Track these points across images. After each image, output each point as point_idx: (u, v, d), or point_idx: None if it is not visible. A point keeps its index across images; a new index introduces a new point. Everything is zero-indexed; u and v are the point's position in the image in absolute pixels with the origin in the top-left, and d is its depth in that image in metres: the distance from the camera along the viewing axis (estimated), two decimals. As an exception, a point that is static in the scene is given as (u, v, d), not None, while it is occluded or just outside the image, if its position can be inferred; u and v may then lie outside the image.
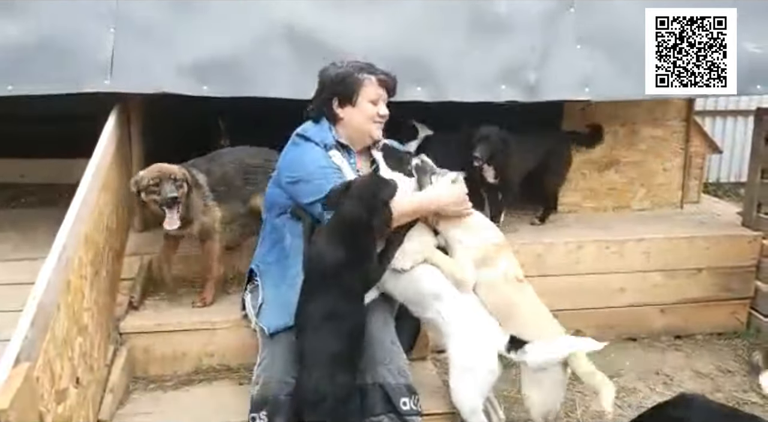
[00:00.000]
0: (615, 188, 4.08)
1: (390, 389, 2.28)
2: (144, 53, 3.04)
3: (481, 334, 2.35)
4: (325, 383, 2.10)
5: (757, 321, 3.69)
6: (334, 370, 2.12)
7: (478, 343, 2.34)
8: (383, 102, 2.55)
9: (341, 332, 2.18)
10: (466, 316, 2.37)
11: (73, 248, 2.22)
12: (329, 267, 2.18)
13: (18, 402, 1.59)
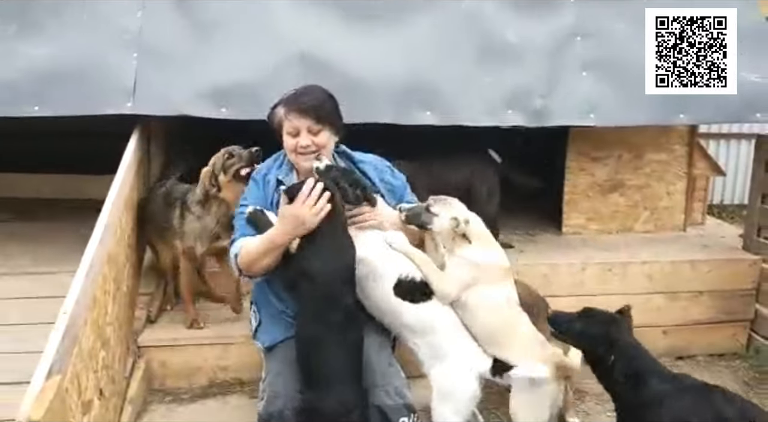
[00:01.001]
0: (619, 211, 4.16)
1: (389, 410, 2.33)
2: (165, 78, 3.17)
3: (462, 359, 2.40)
4: (349, 394, 2.18)
5: (757, 343, 3.75)
6: (354, 382, 2.21)
7: (459, 369, 2.38)
8: (306, 131, 2.43)
9: (353, 344, 2.26)
10: (447, 342, 2.41)
11: (99, 265, 2.33)
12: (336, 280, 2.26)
13: (50, 414, 1.69)
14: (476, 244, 2.44)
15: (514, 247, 3.84)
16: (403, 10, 3.51)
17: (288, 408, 2.30)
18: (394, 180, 2.69)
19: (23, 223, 4.06)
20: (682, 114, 3.50)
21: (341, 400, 2.19)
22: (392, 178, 2.69)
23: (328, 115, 2.48)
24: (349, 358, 2.26)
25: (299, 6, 3.42)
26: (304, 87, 2.56)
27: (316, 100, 2.47)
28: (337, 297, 2.24)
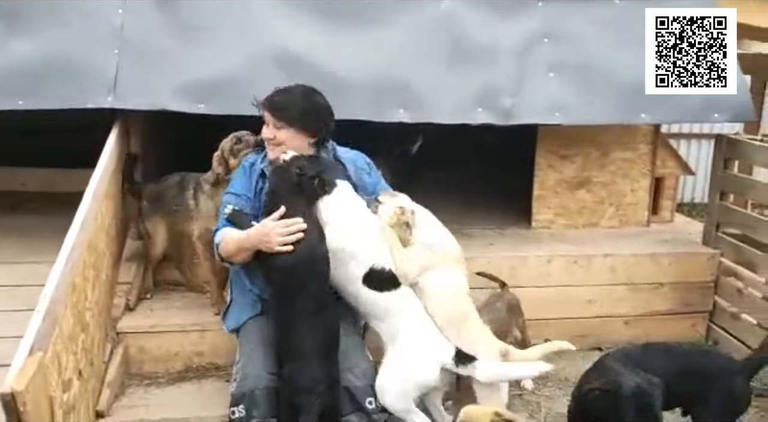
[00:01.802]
0: (586, 207, 4.31)
1: (356, 391, 2.48)
2: (145, 73, 3.27)
3: (423, 345, 2.50)
4: (318, 371, 2.32)
5: (715, 333, 3.92)
6: (324, 360, 2.35)
7: (418, 352, 2.49)
8: (271, 125, 2.63)
9: (324, 326, 2.40)
10: (411, 328, 2.52)
11: (79, 252, 2.44)
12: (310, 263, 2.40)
13: (32, 386, 1.80)
14: (428, 232, 2.60)
15: None
16: (379, 11, 3.64)
17: (258, 388, 2.44)
18: (368, 177, 2.84)
19: (8, 216, 4.12)
20: (644, 113, 3.67)
21: (310, 375, 2.33)
22: (367, 176, 2.84)
23: (292, 116, 2.62)
24: (319, 338, 2.39)
25: (277, 5, 3.53)
26: (288, 86, 2.71)
27: (287, 100, 2.64)
28: (306, 285, 2.38)
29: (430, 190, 4.72)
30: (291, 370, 2.35)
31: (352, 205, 2.60)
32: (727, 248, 3.88)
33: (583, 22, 3.79)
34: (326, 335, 2.40)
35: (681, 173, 4.80)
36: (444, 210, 4.40)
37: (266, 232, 2.41)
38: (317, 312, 2.39)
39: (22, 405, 1.74)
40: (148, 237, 3.37)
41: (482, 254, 3.79)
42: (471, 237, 4.07)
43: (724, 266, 3.88)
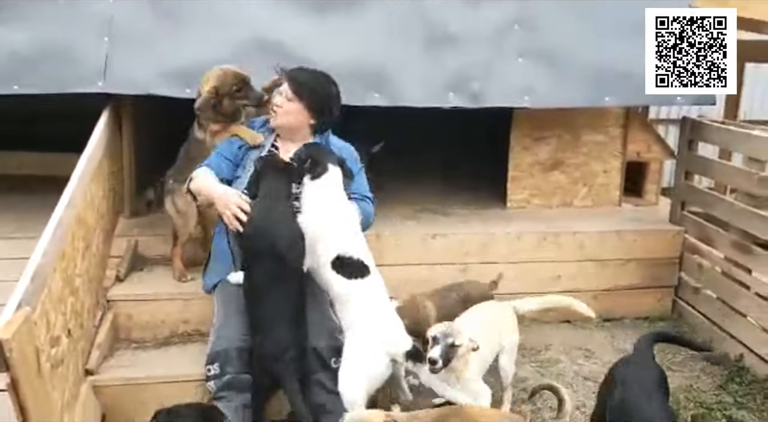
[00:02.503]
0: (560, 187, 4.49)
1: (321, 351, 2.70)
2: (133, 60, 3.48)
3: (375, 335, 2.63)
4: (286, 338, 2.53)
5: (680, 307, 4.11)
6: (291, 327, 2.55)
7: (370, 343, 2.62)
8: (283, 95, 2.88)
9: (289, 296, 2.61)
10: (367, 318, 2.67)
11: (67, 224, 2.65)
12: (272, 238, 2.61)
13: (18, 336, 2.01)
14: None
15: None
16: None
17: (232, 348, 2.67)
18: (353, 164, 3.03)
19: (6, 196, 4.34)
20: (608, 97, 3.85)
21: (276, 342, 2.54)
22: (352, 163, 3.02)
23: (306, 92, 2.87)
24: (285, 307, 2.59)
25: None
26: (312, 68, 2.98)
27: (308, 78, 2.91)
28: (271, 258, 2.59)
29: (414, 174, 4.99)
30: (260, 339, 2.56)
31: (334, 190, 2.77)
32: (692, 226, 4.06)
33: (553, 9, 3.97)
34: (292, 304, 2.60)
35: (665, 158, 4.95)
36: (425, 192, 4.69)
37: (227, 199, 2.67)
38: (284, 282, 2.59)
39: (8, 351, 1.95)
40: (180, 214, 3.34)
41: (456, 231, 4.00)
42: (448, 216, 4.29)
43: (689, 243, 4.06)
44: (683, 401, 3.15)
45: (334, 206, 2.77)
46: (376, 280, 2.75)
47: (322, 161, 2.75)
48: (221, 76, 3.08)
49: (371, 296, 2.71)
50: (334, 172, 2.78)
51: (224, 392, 2.66)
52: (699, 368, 3.54)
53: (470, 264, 3.89)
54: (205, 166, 2.90)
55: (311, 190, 2.76)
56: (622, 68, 3.84)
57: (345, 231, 2.75)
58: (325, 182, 2.75)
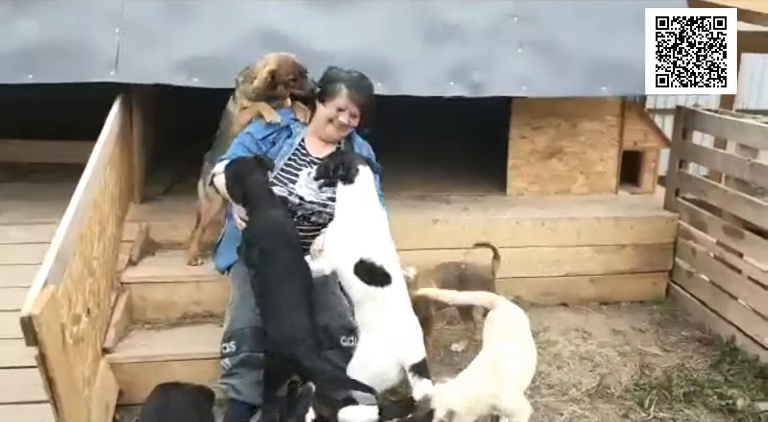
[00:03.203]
0: (557, 175, 4.60)
1: (333, 330, 2.81)
2: (143, 51, 3.59)
3: (387, 342, 2.68)
4: (303, 325, 2.59)
5: (674, 291, 4.24)
6: (307, 315, 2.63)
7: (380, 348, 2.67)
8: (348, 114, 3.00)
9: (305, 282, 2.72)
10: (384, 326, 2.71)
11: (85, 208, 2.77)
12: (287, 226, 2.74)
13: (46, 312, 2.13)
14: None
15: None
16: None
17: (247, 327, 2.78)
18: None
19: (17, 184, 4.46)
20: (604, 86, 3.96)
21: (296, 327, 2.58)
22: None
23: (370, 111, 3.07)
24: (302, 295, 2.68)
25: (264, -13, 3.84)
26: (361, 75, 3.09)
27: (370, 95, 3.08)
28: (277, 253, 2.70)
29: (417, 162, 5.10)
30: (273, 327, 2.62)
31: (367, 193, 2.85)
32: (685, 212, 4.18)
33: (551, 1, 4.08)
34: (306, 293, 2.70)
35: (662, 147, 5.05)
36: (427, 179, 4.80)
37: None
38: (292, 274, 2.69)
39: (38, 326, 2.08)
40: (207, 198, 3.38)
41: (457, 217, 4.12)
42: (450, 202, 4.41)
43: (683, 228, 4.18)
44: (675, 379, 3.27)
45: (365, 209, 2.84)
46: (397, 289, 2.77)
47: (353, 165, 2.84)
48: (280, 62, 3.15)
49: (389, 303, 2.73)
50: (365, 172, 2.86)
51: (238, 369, 2.77)
52: (692, 348, 3.66)
53: (471, 250, 3.99)
54: (228, 157, 3.00)
55: (345, 194, 2.84)
56: (618, 59, 3.95)
57: (372, 235, 2.80)
58: (359, 184, 2.83)
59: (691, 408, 3.08)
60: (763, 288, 3.47)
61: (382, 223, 2.89)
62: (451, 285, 3.28)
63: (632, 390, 3.19)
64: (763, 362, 3.38)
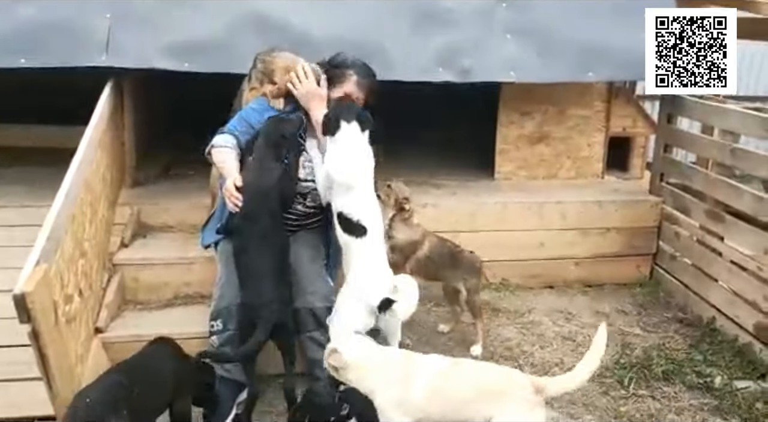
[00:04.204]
0: (545, 160, 4.66)
1: (318, 311, 2.90)
2: (135, 35, 3.62)
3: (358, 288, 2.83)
4: (270, 291, 2.70)
5: (658, 274, 4.32)
6: (275, 281, 2.72)
7: (352, 295, 2.84)
8: (354, 99, 3.09)
9: (274, 251, 2.78)
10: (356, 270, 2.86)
11: (77, 189, 2.82)
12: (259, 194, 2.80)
13: (38, 290, 2.19)
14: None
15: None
16: (351, -22, 3.97)
17: (233, 304, 2.85)
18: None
19: (17, 168, 4.48)
20: (591, 72, 4.02)
21: (259, 294, 2.70)
22: None
23: (372, 98, 3.19)
24: (270, 262, 2.76)
25: (255, -28, 3.86)
26: (365, 63, 3.19)
27: (375, 82, 3.19)
28: (256, 216, 2.77)
29: (408, 148, 5.15)
30: (246, 293, 2.75)
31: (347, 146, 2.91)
32: (669, 196, 4.25)
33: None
34: (278, 259, 2.79)
35: (651, 133, 5.08)
36: (417, 164, 4.86)
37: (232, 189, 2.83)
38: (269, 238, 2.78)
39: (30, 303, 2.13)
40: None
41: (446, 201, 4.19)
42: (439, 187, 4.47)
43: (667, 212, 4.26)
44: (656, 358, 3.35)
45: (344, 162, 2.91)
46: (372, 239, 2.89)
47: (338, 119, 2.92)
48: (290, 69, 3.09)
49: (364, 252, 2.88)
50: (347, 128, 2.92)
51: (226, 347, 2.85)
52: (673, 329, 3.75)
53: (459, 233, 4.06)
54: (230, 134, 3.01)
55: (330, 146, 2.94)
56: (605, 45, 4.02)
57: (350, 188, 2.89)
58: (339, 138, 2.91)
59: (669, 386, 3.17)
60: (743, 270, 3.55)
61: (359, 175, 2.93)
62: (442, 257, 3.40)
63: (613, 369, 3.27)
64: (741, 342, 3.47)
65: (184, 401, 2.53)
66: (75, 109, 3.55)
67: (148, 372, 2.42)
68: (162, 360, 2.52)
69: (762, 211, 3.38)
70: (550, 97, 4.54)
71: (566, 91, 4.53)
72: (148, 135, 4.61)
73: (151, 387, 2.36)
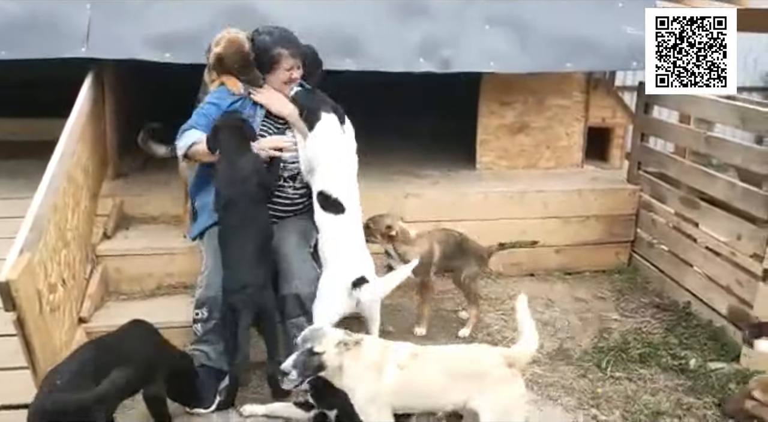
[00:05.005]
0: (525, 149, 4.71)
1: (303, 297, 2.93)
2: (115, 26, 3.62)
3: (336, 270, 2.91)
4: (246, 275, 2.75)
5: (636, 260, 4.40)
6: (252, 264, 2.77)
7: (331, 277, 2.91)
8: (296, 68, 3.15)
9: (254, 236, 2.84)
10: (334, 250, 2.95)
11: (59, 180, 2.83)
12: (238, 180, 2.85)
13: (23, 278, 2.22)
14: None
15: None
16: (330, -32, 3.99)
17: (219, 293, 2.87)
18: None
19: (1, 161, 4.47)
20: (569, 62, 4.08)
21: (236, 279, 2.76)
22: None
23: (309, 57, 3.27)
24: (250, 247, 2.82)
25: (235, -36, 3.87)
26: (281, 29, 3.21)
27: (309, 49, 3.30)
28: (236, 202, 2.84)
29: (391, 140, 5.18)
30: (225, 276, 2.80)
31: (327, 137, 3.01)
32: (647, 185, 4.33)
33: (518, -20, 4.17)
34: (258, 244, 2.83)
35: (629, 123, 5.13)
36: (402, 155, 4.88)
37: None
38: (250, 224, 2.84)
39: (15, 291, 2.16)
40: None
41: (429, 191, 4.23)
42: (422, 177, 4.51)
43: (644, 200, 4.34)
44: (632, 341, 3.44)
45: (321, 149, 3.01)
46: (350, 218, 2.99)
47: (316, 111, 3.00)
48: (227, 48, 3.11)
49: (341, 232, 2.97)
50: (327, 119, 3.01)
51: (209, 335, 2.89)
52: (650, 314, 3.83)
53: (441, 222, 4.10)
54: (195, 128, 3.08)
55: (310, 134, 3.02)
56: (583, 36, 4.08)
57: (332, 172, 3.01)
58: (317, 131, 3.00)
59: (645, 368, 3.25)
60: (717, 256, 3.64)
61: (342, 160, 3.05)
62: (452, 249, 3.47)
63: (591, 353, 3.35)
64: (715, 325, 3.56)
65: (157, 384, 2.56)
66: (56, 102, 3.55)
67: (120, 352, 2.44)
68: (135, 342, 2.55)
69: (734, 197, 3.47)
70: (529, 87, 4.59)
71: (545, 81, 4.59)
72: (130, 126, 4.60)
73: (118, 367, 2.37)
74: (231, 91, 3.14)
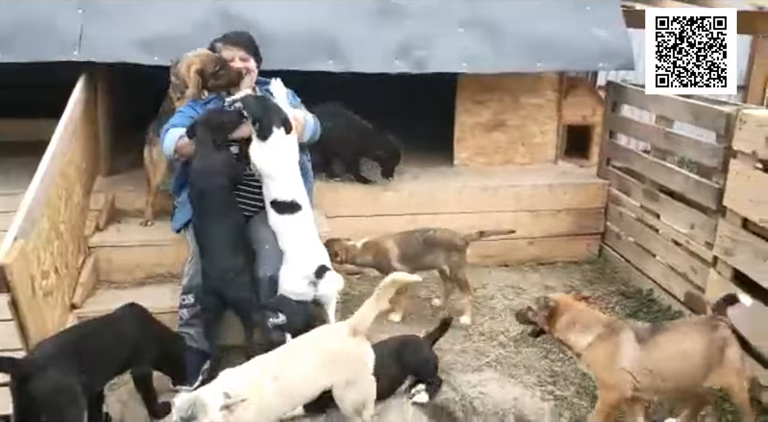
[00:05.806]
0: (501, 146, 4.92)
1: (276, 278, 3.13)
2: (106, 30, 3.81)
3: (296, 264, 3.10)
4: (224, 261, 2.97)
5: (606, 252, 4.62)
6: (229, 252, 2.99)
7: (292, 272, 3.09)
8: (238, 59, 3.41)
9: (228, 227, 3.05)
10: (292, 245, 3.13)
11: (52, 174, 3.03)
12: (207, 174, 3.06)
13: (16, 263, 2.41)
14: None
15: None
16: (311, -25, 4.19)
17: (203, 279, 3.08)
18: (293, 99, 3.54)
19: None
20: (539, 63, 4.28)
21: (216, 265, 2.98)
22: (292, 99, 3.53)
23: (255, 47, 3.49)
24: (226, 236, 3.04)
25: (220, -30, 4.08)
26: (232, 31, 3.52)
27: (243, 35, 3.52)
28: (209, 196, 3.05)
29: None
30: (204, 263, 3.01)
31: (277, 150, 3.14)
32: (614, 179, 4.54)
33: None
34: (231, 233, 3.05)
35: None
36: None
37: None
38: (224, 215, 3.05)
39: (9, 274, 2.35)
40: (152, 163, 3.73)
41: (407, 186, 4.44)
42: (400, 173, 4.69)
43: (612, 194, 4.55)
44: (595, 326, 3.63)
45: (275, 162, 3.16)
46: (304, 216, 3.18)
47: (268, 124, 3.12)
48: (203, 60, 3.39)
49: (297, 228, 3.16)
50: (277, 134, 3.14)
51: (194, 320, 3.09)
52: (615, 301, 4.04)
53: (418, 215, 4.31)
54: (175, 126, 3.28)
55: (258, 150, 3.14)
56: (554, 36, 4.30)
57: (283, 181, 3.17)
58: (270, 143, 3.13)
59: (605, 350, 3.44)
60: (677, 245, 3.84)
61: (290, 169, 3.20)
62: (415, 249, 3.62)
63: (554, 337, 3.54)
64: (674, 310, 3.76)
65: (143, 364, 2.76)
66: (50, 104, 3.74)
67: (105, 332, 2.65)
68: (124, 323, 2.75)
69: (689, 189, 3.67)
70: (504, 87, 4.80)
71: (519, 81, 4.79)
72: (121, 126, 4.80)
73: (106, 346, 2.60)
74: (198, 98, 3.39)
